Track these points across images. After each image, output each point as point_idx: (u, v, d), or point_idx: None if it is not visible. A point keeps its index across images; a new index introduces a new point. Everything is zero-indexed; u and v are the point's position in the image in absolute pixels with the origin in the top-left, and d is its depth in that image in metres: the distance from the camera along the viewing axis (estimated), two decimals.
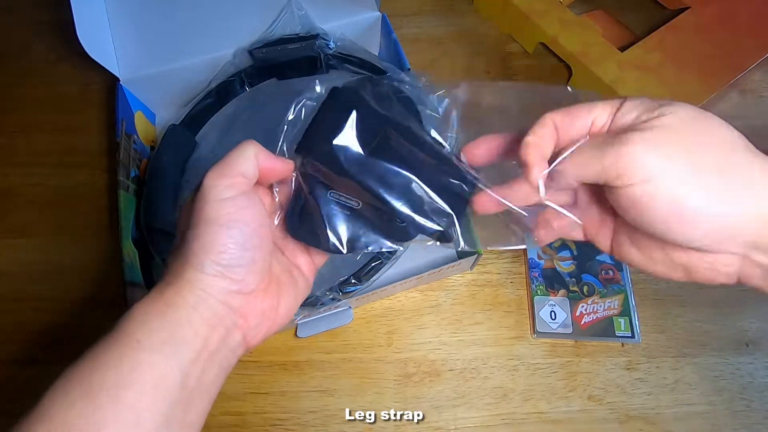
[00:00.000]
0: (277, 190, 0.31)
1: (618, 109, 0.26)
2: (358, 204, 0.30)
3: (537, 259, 0.48)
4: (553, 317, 0.46)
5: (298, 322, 0.44)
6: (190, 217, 0.27)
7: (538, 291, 0.47)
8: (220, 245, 0.26)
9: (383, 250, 0.31)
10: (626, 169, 0.23)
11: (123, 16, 0.52)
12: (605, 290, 0.47)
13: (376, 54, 0.55)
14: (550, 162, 0.27)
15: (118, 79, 0.51)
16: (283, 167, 0.30)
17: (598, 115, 0.26)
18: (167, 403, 0.24)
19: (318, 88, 0.31)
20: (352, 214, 0.30)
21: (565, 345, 0.46)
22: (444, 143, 0.32)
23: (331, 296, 0.42)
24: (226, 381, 0.46)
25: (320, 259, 0.32)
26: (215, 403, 0.46)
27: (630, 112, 0.25)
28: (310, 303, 0.41)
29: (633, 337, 0.45)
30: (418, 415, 0.44)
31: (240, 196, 0.27)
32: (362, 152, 0.29)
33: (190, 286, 0.26)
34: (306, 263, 0.32)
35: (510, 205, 0.29)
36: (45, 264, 0.50)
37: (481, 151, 0.31)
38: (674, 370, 0.44)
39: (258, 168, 0.28)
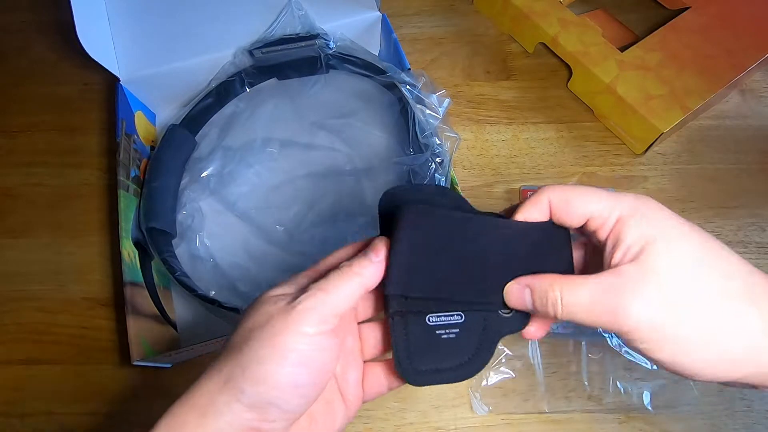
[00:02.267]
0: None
1: (617, 224, 0.25)
2: (461, 316, 0.28)
3: None
4: None
5: None
6: (256, 328, 0.24)
7: None
8: (276, 381, 0.23)
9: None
10: (627, 335, 0.24)
11: (123, 16, 0.52)
12: None
13: (376, 54, 0.55)
14: None
15: (118, 79, 0.51)
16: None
17: (594, 214, 0.26)
18: None
19: None
20: (462, 329, 0.27)
21: (565, 345, 0.46)
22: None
23: None
24: None
25: (373, 393, 0.29)
26: None
27: (630, 235, 0.25)
28: None
29: None
30: (418, 414, 0.44)
31: (325, 335, 0.24)
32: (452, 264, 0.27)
33: (214, 417, 0.23)
34: (355, 396, 0.28)
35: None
36: (45, 264, 0.50)
37: None
38: None
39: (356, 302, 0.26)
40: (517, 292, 0.27)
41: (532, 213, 0.27)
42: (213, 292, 0.45)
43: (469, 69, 0.59)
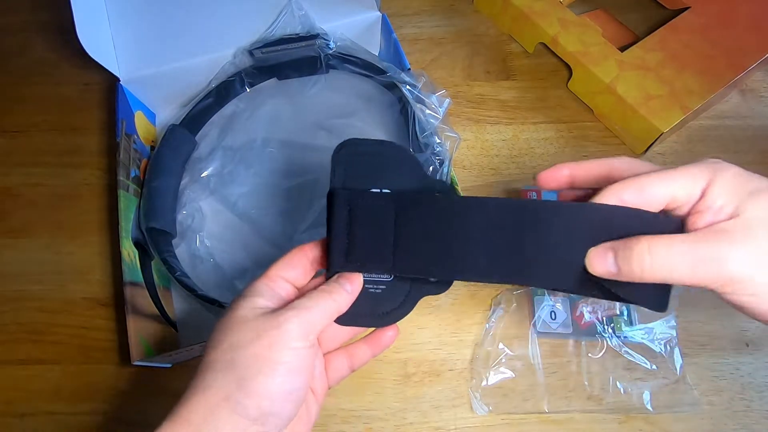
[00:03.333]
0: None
1: (705, 190, 0.25)
2: (390, 276, 0.31)
3: None
4: (553, 317, 0.46)
5: None
6: (245, 344, 0.25)
7: (538, 291, 0.47)
8: (274, 393, 0.25)
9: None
10: (731, 286, 0.24)
11: (123, 16, 0.52)
12: None
13: (376, 54, 0.55)
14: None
15: (118, 79, 0.51)
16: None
17: (677, 194, 0.25)
18: None
19: None
20: (387, 286, 0.31)
21: (565, 345, 0.46)
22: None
23: None
24: None
25: (336, 379, 0.32)
26: None
27: (719, 198, 0.25)
28: None
29: (633, 337, 0.45)
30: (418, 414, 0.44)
31: (312, 346, 0.27)
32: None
33: (215, 430, 0.24)
34: (322, 387, 0.31)
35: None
36: (45, 264, 0.50)
37: (554, 179, 0.31)
38: (674, 369, 0.44)
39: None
40: (602, 255, 0.26)
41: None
42: (213, 292, 0.45)
43: (469, 69, 0.59)
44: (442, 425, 0.43)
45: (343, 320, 0.30)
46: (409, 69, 0.51)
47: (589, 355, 0.45)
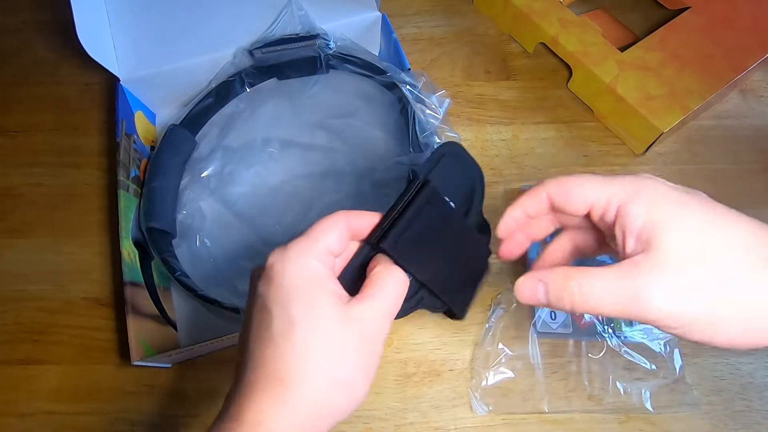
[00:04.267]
0: None
1: (622, 208, 0.25)
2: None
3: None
4: (553, 317, 0.46)
5: None
6: (340, 347, 0.24)
7: None
8: (362, 399, 0.25)
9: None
10: (664, 322, 0.23)
11: (123, 16, 0.52)
12: None
13: (376, 54, 0.55)
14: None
15: (118, 79, 0.51)
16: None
17: (595, 202, 0.26)
18: None
19: None
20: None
21: (565, 345, 0.46)
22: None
23: None
24: (226, 381, 0.47)
25: None
26: (215, 405, 0.46)
27: (636, 220, 0.24)
28: None
29: (633, 337, 0.45)
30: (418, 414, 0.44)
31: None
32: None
33: None
34: None
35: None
36: (45, 264, 0.50)
37: (510, 237, 0.31)
38: (674, 369, 0.44)
39: None
40: (531, 287, 0.26)
41: (530, 206, 0.28)
42: (213, 292, 0.45)
43: (469, 69, 0.59)
44: (442, 425, 0.43)
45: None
46: (409, 69, 0.51)
47: (589, 355, 0.45)
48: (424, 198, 0.29)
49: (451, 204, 0.31)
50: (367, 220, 0.28)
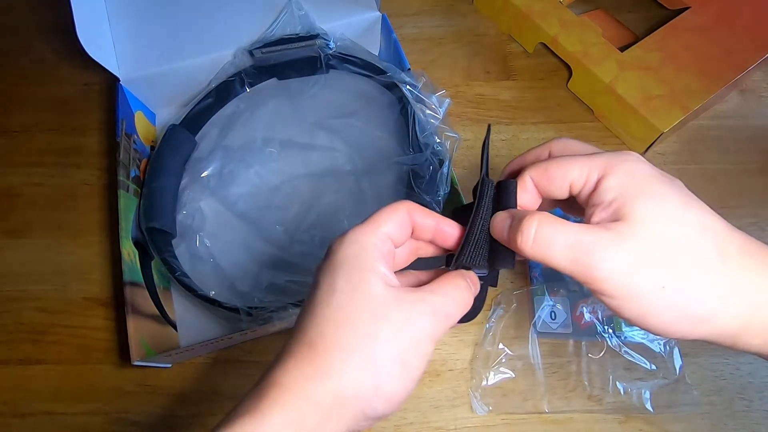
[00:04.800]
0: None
1: (599, 183, 0.25)
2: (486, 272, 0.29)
3: None
4: (553, 317, 0.46)
5: None
6: (387, 341, 0.23)
7: (538, 291, 0.47)
8: (404, 397, 0.24)
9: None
10: (600, 285, 0.23)
11: (123, 16, 0.52)
12: None
13: (376, 54, 0.55)
14: None
15: (118, 79, 0.51)
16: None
17: (574, 180, 0.26)
18: None
19: None
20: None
21: (565, 345, 0.46)
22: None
23: None
24: (226, 381, 0.47)
25: None
26: (215, 405, 0.46)
27: (609, 192, 0.24)
28: None
29: (633, 337, 0.45)
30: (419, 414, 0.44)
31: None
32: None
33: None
34: None
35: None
36: (45, 264, 0.50)
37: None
38: (674, 369, 0.44)
39: None
40: (501, 222, 0.26)
41: (522, 198, 0.27)
42: (213, 292, 0.45)
43: (469, 69, 0.59)
44: (442, 425, 0.43)
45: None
46: (409, 69, 0.51)
47: (589, 355, 0.45)
48: (488, 201, 0.28)
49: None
50: (432, 221, 0.27)
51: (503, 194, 0.28)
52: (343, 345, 0.23)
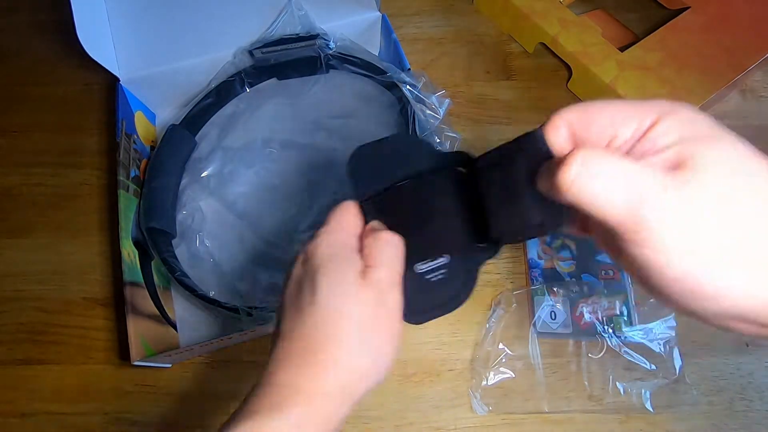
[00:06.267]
0: None
1: (651, 128, 0.21)
2: (447, 258, 0.30)
3: (537, 259, 0.48)
4: (553, 317, 0.46)
5: None
6: (368, 325, 0.26)
7: (538, 291, 0.47)
8: (394, 356, 0.27)
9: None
10: (647, 243, 0.19)
11: (123, 16, 0.52)
12: (605, 290, 0.47)
13: (376, 54, 0.55)
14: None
15: (118, 79, 0.51)
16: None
17: (620, 128, 0.21)
18: None
19: None
20: (448, 269, 0.30)
21: (565, 345, 0.46)
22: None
23: None
24: (226, 381, 0.47)
25: None
26: (214, 405, 0.46)
27: (665, 137, 0.21)
28: None
29: (633, 337, 0.45)
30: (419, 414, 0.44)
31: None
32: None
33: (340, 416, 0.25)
34: None
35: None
36: (45, 264, 0.50)
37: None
38: (674, 369, 0.44)
39: None
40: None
41: (552, 139, 0.24)
42: (213, 292, 0.45)
43: (469, 69, 0.59)
44: (442, 425, 0.43)
45: (411, 317, 0.30)
46: (409, 69, 0.51)
47: (589, 355, 0.45)
48: (370, 215, 0.31)
49: (405, 181, 0.31)
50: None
51: (528, 147, 0.25)
52: (337, 336, 0.25)
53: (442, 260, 0.30)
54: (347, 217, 0.30)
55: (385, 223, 0.30)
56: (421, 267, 0.30)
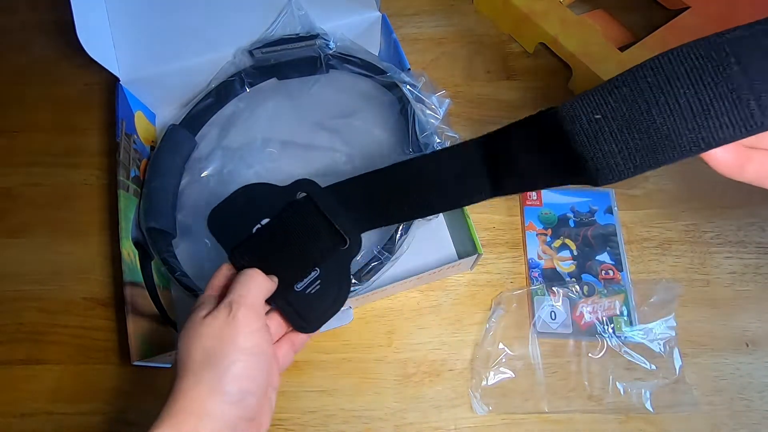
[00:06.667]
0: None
1: None
2: (317, 271, 0.35)
3: (537, 259, 0.48)
4: (553, 317, 0.46)
5: None
6: (213, 345, 0.29)
7: (538, 291, 0.47)
8: (246, 373, 0.29)
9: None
10: None
11: (123, 16, 0.52)
12: (605, 290, 0.47)
13: (376, 54, 0.55)
14: None
15: (118, 79, 0.51)
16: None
17: None
18: None
19: None
20: (322, 279, 0.35)
21: (565, 345, 0.46)
22: None
23: None
24: None
25: (285, 364, 0.35)
26: None
27: None
28: None
29: (633, 337, 0.45)
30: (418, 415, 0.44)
31: (263, 325, 0.31)
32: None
33: (210, 419, 0.28)
34: (277, 374, 0.34)
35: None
36: (45, 264, 0.50)
37: None
38: (674, 369, 0.44)
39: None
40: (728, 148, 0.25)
41: None
42: None
43: (469, 69, 0.59)
44: (442, 425, 0.43)
45: (308, 328, 0.35)
46: (409, 69, 0.51)
47: (589, 355, 0.45)
48: (239, 263, 0.35)
49: (264, 221, 0.36)
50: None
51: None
52: (186, 361, 0.30)
53: (313, 273, 0.35)
54: (214, 280, 0.34)
55: (257, 262, 0.34)
56: (299, 285, 0.35)
